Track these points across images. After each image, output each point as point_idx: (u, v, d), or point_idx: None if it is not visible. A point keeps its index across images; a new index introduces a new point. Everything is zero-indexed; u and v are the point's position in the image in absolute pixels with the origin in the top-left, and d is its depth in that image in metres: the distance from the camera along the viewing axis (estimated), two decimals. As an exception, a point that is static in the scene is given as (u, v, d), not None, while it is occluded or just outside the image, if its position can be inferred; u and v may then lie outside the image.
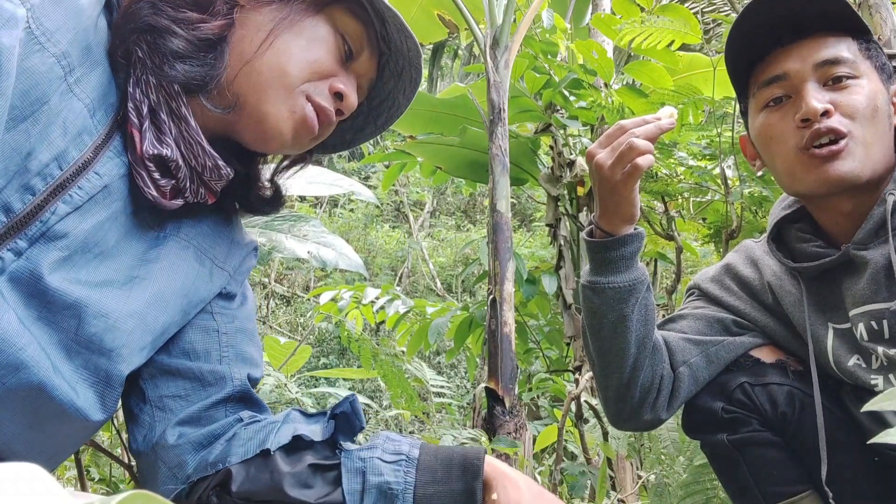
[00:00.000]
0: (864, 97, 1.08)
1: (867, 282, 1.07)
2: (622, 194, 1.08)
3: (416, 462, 0.84)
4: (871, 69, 1.11)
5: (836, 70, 1.08)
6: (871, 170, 1.06)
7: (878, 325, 1.07)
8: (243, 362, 0.95)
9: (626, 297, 1.13)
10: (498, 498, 0.78)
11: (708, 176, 2.73)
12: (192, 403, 0.90)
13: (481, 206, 11.08)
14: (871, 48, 1.12)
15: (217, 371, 0.92)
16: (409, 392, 3.22)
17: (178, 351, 0.91)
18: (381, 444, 0.87)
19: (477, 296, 8.42)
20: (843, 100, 1.08)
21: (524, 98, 3.37)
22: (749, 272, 1.25)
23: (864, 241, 1.08)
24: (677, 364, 1.20)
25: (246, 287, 1.02)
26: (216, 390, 0.91)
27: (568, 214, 3.52)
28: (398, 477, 0.82)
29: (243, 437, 0.89)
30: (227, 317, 0.95)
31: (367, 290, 3.49)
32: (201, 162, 0.83)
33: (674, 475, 1.76)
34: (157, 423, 0.89)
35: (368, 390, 7.50)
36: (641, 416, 1.19)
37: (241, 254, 0.99)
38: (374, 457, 0.84)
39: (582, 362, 3.22)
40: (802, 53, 1.11)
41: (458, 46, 6.46)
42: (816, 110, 1.06)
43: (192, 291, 0.91)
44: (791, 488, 1.14)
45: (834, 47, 1.10)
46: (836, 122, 1.06)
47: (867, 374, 1.09)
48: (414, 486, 0.82)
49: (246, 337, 0.97)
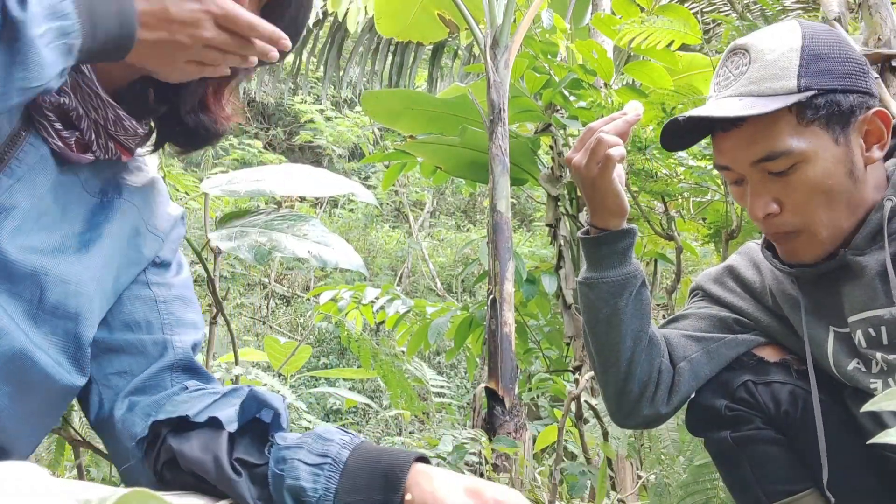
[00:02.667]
0: (812, 186, 1.04)
1: (864, 288, 1.07)
2: (602, 187, 1.11)
3: (343, 466, 0.78)
4: (820, 132, 1.03)
5: (774, 166, 1.04)
6: (839, 235, 1.07)
7: (875, 332, 1.07)
8: (184, 329, 0.94)
9: (619, 291, 1.16)
10: (412, 497, 0.73)
11: (708, 176, 2.74)
12: (136, 375, 0.89)
13: (481, 206, 11.08)
14: (816, 108, 1.02)
15: (159, 340, 0.91)
16: (409, 392, 3.22)
17: (119, 324, 0.91)
18: (308, 444, 0.81)
19: (477, 296, 8.41)
20: (791, 198, 1.05)
21: (524, 98, 3.37)
22: (751, 274, 1.25)
23: (861, 246, 1.07)
24: (678, 359, 1.21)
25: (179, 256, 1.02)
26: (159, 359, 0.91)
27: (568, 214, 3.52)
28: (317, 483, 0.77)
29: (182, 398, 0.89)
30: (164, 286, 0.95)
31: (367, 290, 3.49)
32: (102, 114, 0.83)
33: (674, 475, 1.76)
34: (105, 401, 0.89)
35: (368, 390, 7.49)
36: (641, 410, 1.20)
37: (170, 221, 0.99)
38: (297, 458, 0.79)
39: (582, 362, 3.23)
40: (738, 146, 1.06)
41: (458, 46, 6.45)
42: (757, 217, 1.07)
43: (133, 257, 0.92)
44: (793, 487, 1.15)
45: (768, 138, 1.03)
46: (787, 220, 1.07)
47: (867, 377, 1.09)
48: (335, 493, 0.76)
49: (184, 304, 0.96)
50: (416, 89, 6.01)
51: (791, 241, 1.09)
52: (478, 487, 0.75)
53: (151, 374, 0.90)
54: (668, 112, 2.60)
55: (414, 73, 6.78)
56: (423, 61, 6.95)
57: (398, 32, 4.03)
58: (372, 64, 6.77)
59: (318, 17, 6.54)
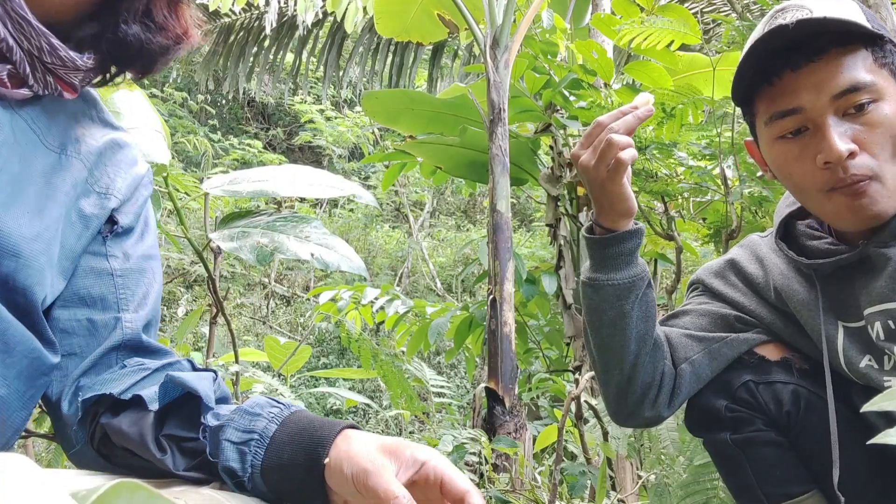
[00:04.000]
0: (887, 125, 1.01)
1: (886, 280, 1.05)
2: (612, 190, 1.07)
3: (269, 441, 0.75)
4: (889, 79, 1.03)
5: (856, 99, 1.00)
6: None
7: (895, 325, 1.06)
8: (138, 305, 0.89)
9: (625, 294, 1.13)
10: (329, 460, 0.71)
11: (708, 176, 2.74)
12: (86, 357, 0.85)
13: (481, 206, 11.08)
14: (885, 54, 1.03)
15: (110, 320, 0.87)
16: (408, 392, 3.23)
17: (73, 298, 0.86)
18: (234, 421, 0.77)
19: (477, 296, 8.42)
20: (867, 137, 1.01)
21: (524, 98, 3.38)
22: (754, 269, 1.23)
23: (886, 239, 1.05)
24: (679, 361, 1.19)
25: (146, 217, 0.95)
26: (107, 339, 0.86)
27: (568, 214, 3.53)
28: (244, 462, 0.74)
29: (111, 376, 0.85)
30: (121, 258, 0.89)
31: (367, 291, 3.49)
32: (35, 44, 0.76)
33: (674, 475, 1.76)
34: (54, 383, 0.85)
35: (368, 390, 7.50)
36: (642, 413, 1.19)
37: (131, 180, 0.91)
38: (224, 438, 0.76)
39: (582, 362, 3.23)
40: (817, 81, 1.02)
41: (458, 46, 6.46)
42: (841, 155, 0.99)
43: (79, 222, 0.85)
44: (794, 489, 1.14)
45: (851, 70, 1.01)
46: (861, 164, 1.01)
47: (880, 375, 1.08)
48: (261, 469, 0.74)
49: (140, 276, 0.91)
50: (416, 89, 6.01)
51: (861, 191, 1.02)
52: (397, 446, 0.73)
53: (99, 354, 0.85)
54: (668, 112, 2.60)
55: (414, 73, 6.79)
56: (423, 61, 6.96)
57: (398, 32, 4.03)
58: (372, 64, 6.78)
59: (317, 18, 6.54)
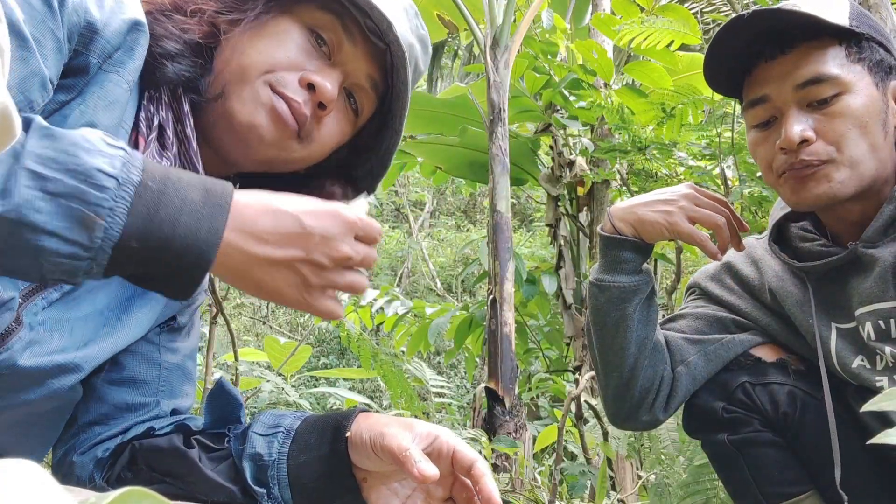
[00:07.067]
0: (851, 117, 1.03)
1: (875, 280, 1.06)
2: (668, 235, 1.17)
3: (293, 433, 0.85)
4: (863, 72, 1.05)
5: (819, 91, 1.03)
6: (856, 184, 1.04)
7: (885, 325, 1.06)
8: (173, 398, 0.96)
9: (629, 297, 1.16)
10: (350, 433, 0.80)
11: (708, 176, 2.74)
12: (114, 429, 0.91)
13: (481, 206, 11.08)
14: (862, 49, 1.06)
15: (147, 402, 0.94)
16: (408, 392, 3.23)
17: (122, 377, 0.92)
18: (262, 420, 0.88)
19: (477, 296, 8.41)
20: (827, 127, 1.04)
21: (524, 98, 3.38)
22: (749, 271, 1.24)
23: (873, 239, 1.06)
24: (675, 363, 1.20)
25: (195, 319, 1.02)
26: (137, 415, 0.93)
27: (568, 214, 3.52)
28: (271, 448, 0.84)
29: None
30: (171, 350, 0.96)
31: (366, 291, 3.48)
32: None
33: (674, 475, 1.76)
34: (76, 445, 0.90)
35: (368, 390, 7.50)
36: (639, 416, 1.20)
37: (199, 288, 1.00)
38: (252, 431, 0.86)
39: (582, 362, 3.23)
40: (784, 72, 1.06)
41: (458, 46, 6.46)
42: (793, 141, 1.03)
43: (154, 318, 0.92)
44: (792, 489, 1.14)
45: (817, 63, 1.04)
46: (814, 151, 1.04)
47: (872, 374, 1.09)
48: (287, 457, 0.83)
49: (183, 375, 0.98)
50: (415, 89, 6.00)
51: (809, 177, 1.05)
52: (412, 422, 0.81)
53: (126, 426, 0.91)
54: (668, 112, 2.60)
55: (414, 73, 6.77)
56: (423, 61, 6.95)
57: (398, 32, 4.02)
58: (372, 64, 6.76)
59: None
